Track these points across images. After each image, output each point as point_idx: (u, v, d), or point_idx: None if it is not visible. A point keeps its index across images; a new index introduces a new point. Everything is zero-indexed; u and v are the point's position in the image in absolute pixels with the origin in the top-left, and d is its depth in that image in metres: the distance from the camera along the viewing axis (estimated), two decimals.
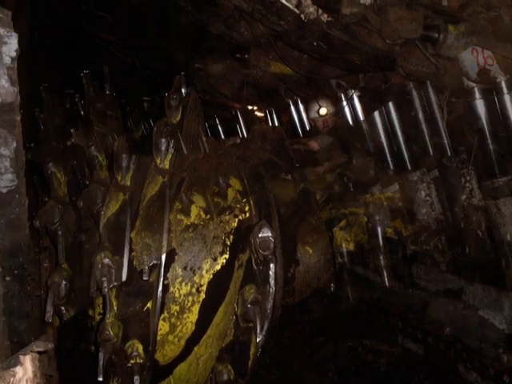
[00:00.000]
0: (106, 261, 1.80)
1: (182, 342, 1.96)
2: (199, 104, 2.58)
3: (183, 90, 2.44)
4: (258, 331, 1.92)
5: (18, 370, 1.34)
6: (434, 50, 3.20)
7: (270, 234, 1.99)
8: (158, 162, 2.09)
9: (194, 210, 2.07)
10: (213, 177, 2.28)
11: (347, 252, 3.92)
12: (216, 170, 2.34)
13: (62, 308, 1.87)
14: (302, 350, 4.07)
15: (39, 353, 1.75)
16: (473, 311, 3.05)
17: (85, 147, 2.44)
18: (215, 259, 2.01)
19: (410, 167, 4.07)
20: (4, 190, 1.63)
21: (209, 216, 2.08)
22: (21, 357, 1.37)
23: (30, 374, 1.38)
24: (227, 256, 2.04)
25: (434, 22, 3.16)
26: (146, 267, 1.81)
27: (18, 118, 1.65)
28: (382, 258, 3.60)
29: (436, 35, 3.14)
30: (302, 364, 3.88)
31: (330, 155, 4.88)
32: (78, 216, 2.17)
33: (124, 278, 1.87)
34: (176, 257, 1.97)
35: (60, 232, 2.03)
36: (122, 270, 1.86)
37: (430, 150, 3.88)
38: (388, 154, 4.37)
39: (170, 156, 2.10)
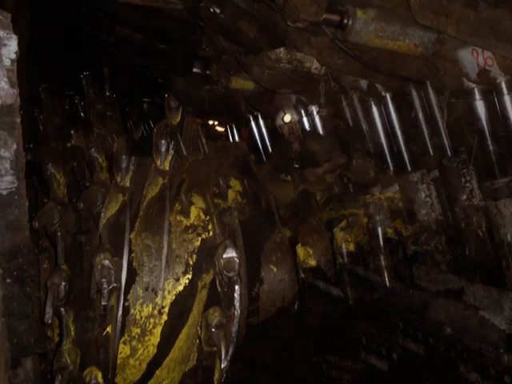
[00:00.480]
0: (106, 262, 1.79)
1: (144, 365, 1.89)
2: None
3: None
4: (223, 357, 1.81)
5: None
6: (343, 36, 3.12)
7: (234, 255, 1.87)
8: (158, 163, 2.09)
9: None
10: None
11: (347, 252, 3.91)
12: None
13: (62, 309, 1.86)
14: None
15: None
16: (473, 311, 3.05)
17: (85, 149, 2.43)
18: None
19: (410, 168, 4.07)
20: (4, 192, 1.63)
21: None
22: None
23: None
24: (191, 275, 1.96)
25: (343, 7, 3.05)
26: (105, 291, 1.75)
27: (18, 120, 1.65)
28: (382, 258, 3.59)
29: (339, 19, 3.03)
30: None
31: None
32: (77, 217, 2.16)
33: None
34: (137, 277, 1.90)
35: (59, 233, 2.02)
36: (121, 271, 1.85)
37: (430, 151, 3.88)
38: (388, 155, 4.37)
39: (170, 157, 2.10)
